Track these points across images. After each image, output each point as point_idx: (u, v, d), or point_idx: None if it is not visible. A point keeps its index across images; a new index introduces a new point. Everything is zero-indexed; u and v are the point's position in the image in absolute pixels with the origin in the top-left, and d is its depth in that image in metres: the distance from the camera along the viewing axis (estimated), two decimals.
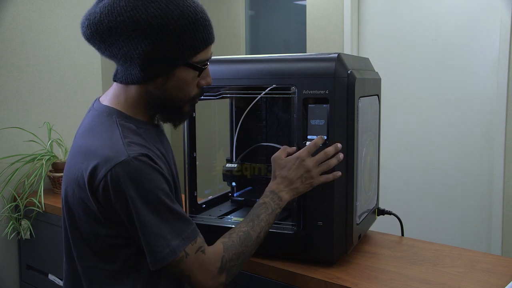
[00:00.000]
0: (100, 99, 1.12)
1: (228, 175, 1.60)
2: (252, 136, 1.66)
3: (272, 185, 1.20)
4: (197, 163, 1.46)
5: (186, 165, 1.43)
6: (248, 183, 1.70)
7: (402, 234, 1.59)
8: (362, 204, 1.39)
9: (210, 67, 1.12)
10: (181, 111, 1.11)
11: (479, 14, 2.77)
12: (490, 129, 2.75)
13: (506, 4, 2.60)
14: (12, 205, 2.24)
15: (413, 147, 3.07)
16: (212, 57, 1.10)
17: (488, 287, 1.17)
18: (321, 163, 1.21)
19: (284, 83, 1.27)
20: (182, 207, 1.19)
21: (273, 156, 1.23)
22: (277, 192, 1.18)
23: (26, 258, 2.33)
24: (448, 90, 2.91)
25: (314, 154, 1.21)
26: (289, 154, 1.24)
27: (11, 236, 2.24)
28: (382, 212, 1.60)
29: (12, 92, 2.31)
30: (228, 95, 1.48)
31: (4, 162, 2.23)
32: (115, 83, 1.09)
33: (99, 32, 0.99)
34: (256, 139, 1.66)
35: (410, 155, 3.08)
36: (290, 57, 1.31)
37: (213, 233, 1.39)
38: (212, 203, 1.58)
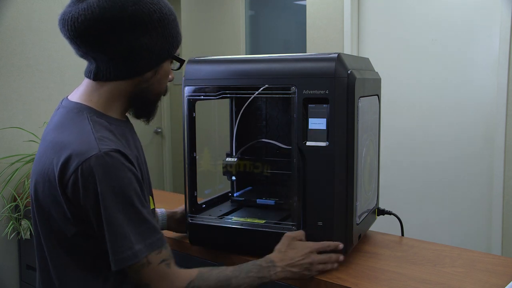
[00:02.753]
0: (69, 97, 1.11)
1: (228, 170, 1.59)
2: (252, 136, 1.66)
3: (276, 257, 1.19)
4: (197, 157, 1.45)
5: (186, 165, 1.43)
6: (248, 183, 1.70)
7: (402, 234, 1.59)
8: (362, 204, 1.39)
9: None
10: (156, 105, 1.14)
11: (479, 14, 2.76)
12: (490, 129, 2.74)
13: (506, 4, 2.60)
14: (12, 205, 2.24)
15: (413, 147, 3.06)
16: (212, 57, 1.13)
17: (488, 287, 1.17)
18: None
19: (284, 83, 1.27)
20: (153, 205, 1.19)
21: (288, 233, 1.24)
22: (277, 265, 1.17)
23: (26, 258, 2.33)
24: (448, 90, 2.91)
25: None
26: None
27: (11, 236, 2.24)
28: (382, 212, 1.60)
29: (12, 92, 2.31)
30: (228, 95, 1.48)
31: (4, 162, 2.23)
32: (86, 80, 1.08)
33: (97, 27, 0.97)
34: (256, 138, 1.66)
35: (410, 155, 3.07)
36: (290, 57, 1.31)
37: (213, 233, 1.40)
38: (212, 203, 1.58)
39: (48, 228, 1.05)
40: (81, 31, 0.99)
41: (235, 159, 1.59)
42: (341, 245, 1.25)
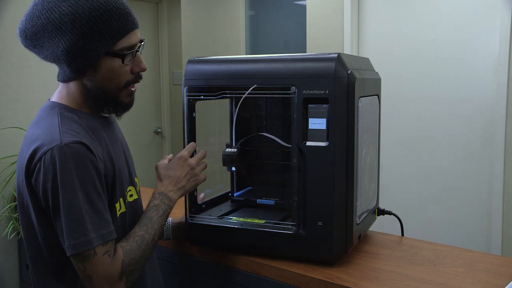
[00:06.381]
0: (50, 98, 1.18)
1: (227, 160, 1.59)
2: (252, 136, 1.66)
3: (160, 187, 1.23)
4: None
5: None
6: (248, 183, 1.70)
7: (402, 234, 1.59)
8: (362, 204, 1.39)
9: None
10: (117, 100, 1.14)
11: (479, 14, 2.76)
12: (490, 129, 2.74)
13: (506, 4, 2.60)
14: (12, 205, 2.24)
15: (413, 147, 3.06)
16: (212, 57, 1.11)
17: (488, 287, 1.17)
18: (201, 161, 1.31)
19: (284, 83, 1.27)
20: (136, 196, 1.22)
21: (157, 164, 1.29)
22: (166, 193, 1.22)
23: (26, 258, 2.33)
24: (448, 90, 2.91)
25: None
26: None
27: (11, 236, 2.24)
28: (382, 212, 1.60)
29: (12, 92, 2.31)
30: (228, 95, 1.48)
31: (4, 162, 2.23)
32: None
33: (28, 37, 1.07)
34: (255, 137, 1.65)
35: (410, 155, 3.07)
36: (290, 57, 1.31)
37: (213, 233, 1.40)
38: (212, 203, 1.58)
39: (27, 221, 1.10)
40: (23, 43, 1.10)
41: (235, 149, 1.58)
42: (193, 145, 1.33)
